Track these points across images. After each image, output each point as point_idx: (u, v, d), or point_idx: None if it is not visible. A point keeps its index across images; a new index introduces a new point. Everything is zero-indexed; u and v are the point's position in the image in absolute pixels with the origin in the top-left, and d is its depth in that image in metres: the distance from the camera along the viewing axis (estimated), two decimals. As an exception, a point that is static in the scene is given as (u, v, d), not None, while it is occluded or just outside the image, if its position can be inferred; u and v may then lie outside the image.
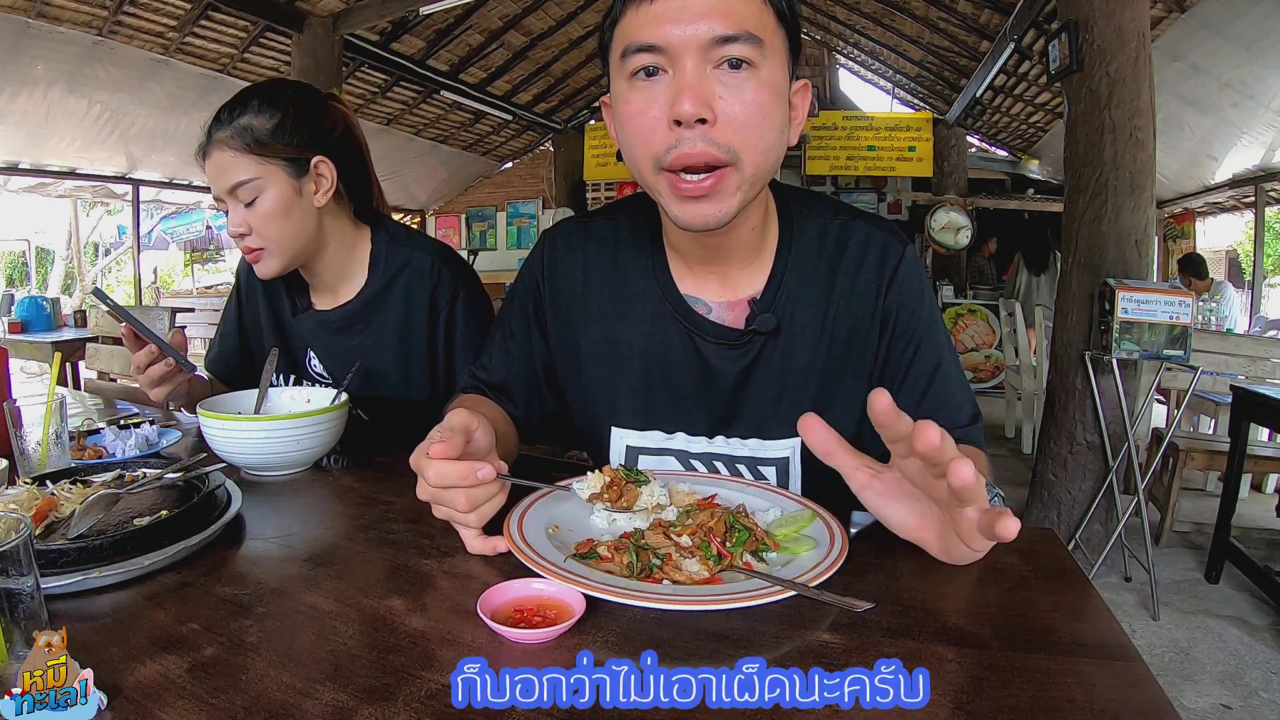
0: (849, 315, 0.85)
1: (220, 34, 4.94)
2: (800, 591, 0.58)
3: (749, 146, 0.70)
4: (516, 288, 0.99)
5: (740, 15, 0.67)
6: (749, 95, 0.68)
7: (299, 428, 0.94)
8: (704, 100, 0.67)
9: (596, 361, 0.92)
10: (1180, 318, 2.54)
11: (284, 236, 1.11)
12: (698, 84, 0.67)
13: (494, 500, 0.68)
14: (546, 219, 9.18)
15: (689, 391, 0.88)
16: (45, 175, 5.99)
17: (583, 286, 0.92)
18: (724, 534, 0.66)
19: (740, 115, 0.68)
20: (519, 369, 0.96)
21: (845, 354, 0.85)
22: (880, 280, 0.85)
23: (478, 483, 0.64)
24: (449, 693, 0.48)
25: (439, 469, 0.64)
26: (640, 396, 0.90)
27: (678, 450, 0.90)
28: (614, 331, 0.90)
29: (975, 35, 5.54)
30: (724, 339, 0.85)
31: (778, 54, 0.71)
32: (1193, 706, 1.98)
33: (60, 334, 4.70)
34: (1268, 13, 3.54)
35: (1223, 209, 6.37)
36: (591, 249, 0.93)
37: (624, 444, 0.92)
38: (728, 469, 0.89)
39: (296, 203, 1.11)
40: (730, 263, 0.85)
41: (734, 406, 0.87)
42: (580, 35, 7.01)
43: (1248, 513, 3.38)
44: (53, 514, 0.71)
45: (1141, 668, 0.51)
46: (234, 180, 1.08)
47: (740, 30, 0.67)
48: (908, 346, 0.85)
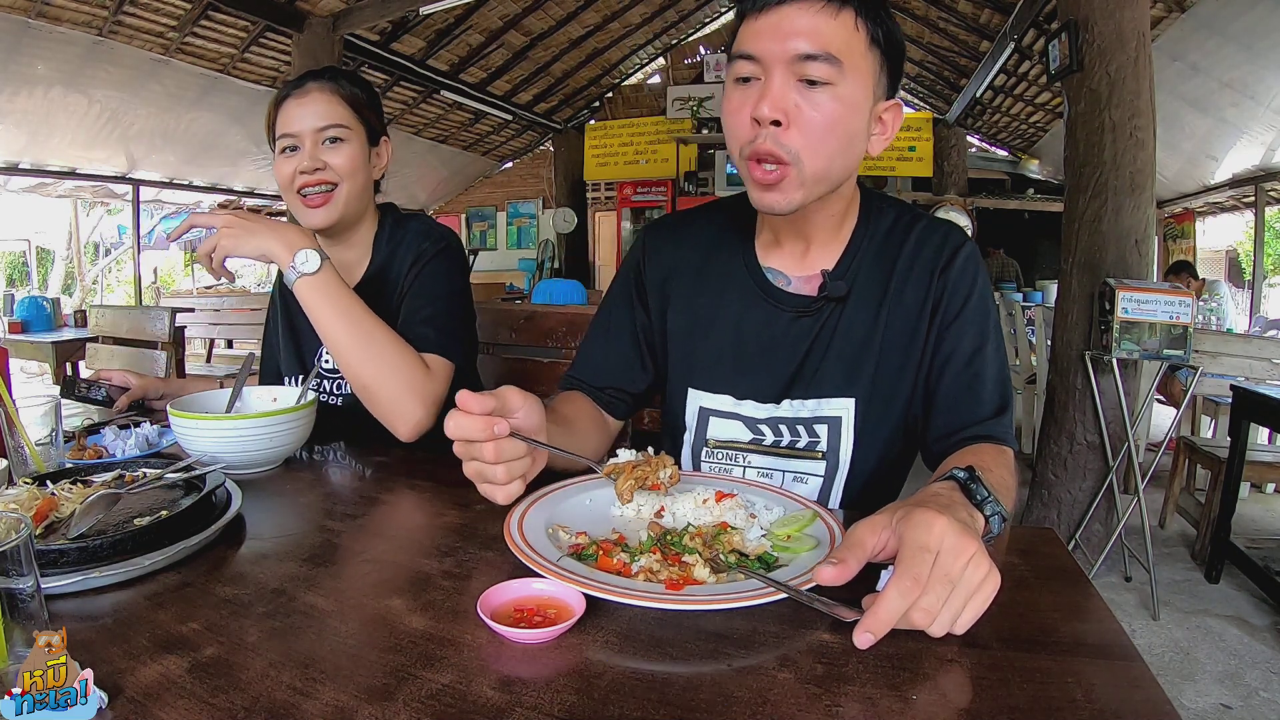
0: (907, 292, 0.93)
1: (220, 34, 4.94)
2: (792, 595, 0.58)
3: (810, 151, 0.80)
4: (616, 280, 1.11)
5: (827, 38, 0.78)
6: (821, 108, 0.79)
7: (267, 426, 0.95)
8: (779, 107, 0.79)
9: (681, 329, 1.02)
10: (1180, 318, 2.53)
11: (354, 185, 1.22)
12: (777, 92, 0.79)
13: (522, 460, 0.74)
14: (546, 219, 9.18)
15: (761, 360, 0.96)
16: (45, 175, 5.98)
17: (677, 267, 1.04)
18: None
19: (809, 123, 0.79)
20: (616, 355, 1.06)
21: (901, 328, 0.93)
22: (936, 264, 0.92)
23: (494, 436, 0.69)
24: (449, 692, 0.48)
25: (457, 420, 0.70)
26: (716, 361, 0.99)
27: (745, 416, 0.98)
28: (698, 302, 1.01)
29: (975, 35, 5.54)
30: (798, 307, 0.95)
31: (861, 74, 0.81)
32: (1193, 706, 1.98)
33: (60, 334, 4.70)
34: (1268, 13, 3.54)
35: (1223, 209, 6.37)
36: (687, 235, 1.06)
37: (698, 405, 1.01)
38: (789, 430, 0.96)
39: (365, 163, 1.24)
40: (811, 238, 0.95)
41: (801, 371, 0.95)
42: (580, 35, 7.01)
43: (1247, 513, 3.38)
44: (53, 514, 0.71)
45: (1141, 668, 0.51)
46: (330, 120, 1.19)
47: (822, 50, 0.78)
48: (952, 327, 0.91)
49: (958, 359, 0.90)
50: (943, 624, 0.54)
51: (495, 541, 0.71)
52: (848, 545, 0.58)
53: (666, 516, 0.76)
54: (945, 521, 0.55)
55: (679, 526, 0.74)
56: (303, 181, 1.17)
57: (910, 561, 0.54)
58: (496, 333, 1.70)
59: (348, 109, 1.21)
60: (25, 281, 12.43)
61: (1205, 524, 2.94)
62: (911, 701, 0.48)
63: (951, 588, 0.53)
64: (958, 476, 0.67)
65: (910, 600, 0.53)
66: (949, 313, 0.91)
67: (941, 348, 0.91)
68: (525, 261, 8.99)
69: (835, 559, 0.57)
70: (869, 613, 0.53)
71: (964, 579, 0.54)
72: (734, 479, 0.89)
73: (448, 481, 0.98)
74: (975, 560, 0.54)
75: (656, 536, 0.70)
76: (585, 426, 0.99)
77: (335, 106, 1.20)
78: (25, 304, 4.96)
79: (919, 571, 0.53)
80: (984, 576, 0.54)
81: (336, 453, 1.08)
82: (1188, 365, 2.59)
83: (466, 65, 6.60)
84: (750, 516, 0.75)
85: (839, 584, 0.56)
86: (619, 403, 1.06)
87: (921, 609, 0.53)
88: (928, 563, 0.54)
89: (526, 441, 0.73)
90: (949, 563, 0.54)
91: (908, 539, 0.56)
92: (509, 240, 9.71)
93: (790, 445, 0.96)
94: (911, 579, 0.53)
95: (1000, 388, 0.90)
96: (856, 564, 0.57)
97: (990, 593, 0.54)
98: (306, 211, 1.19)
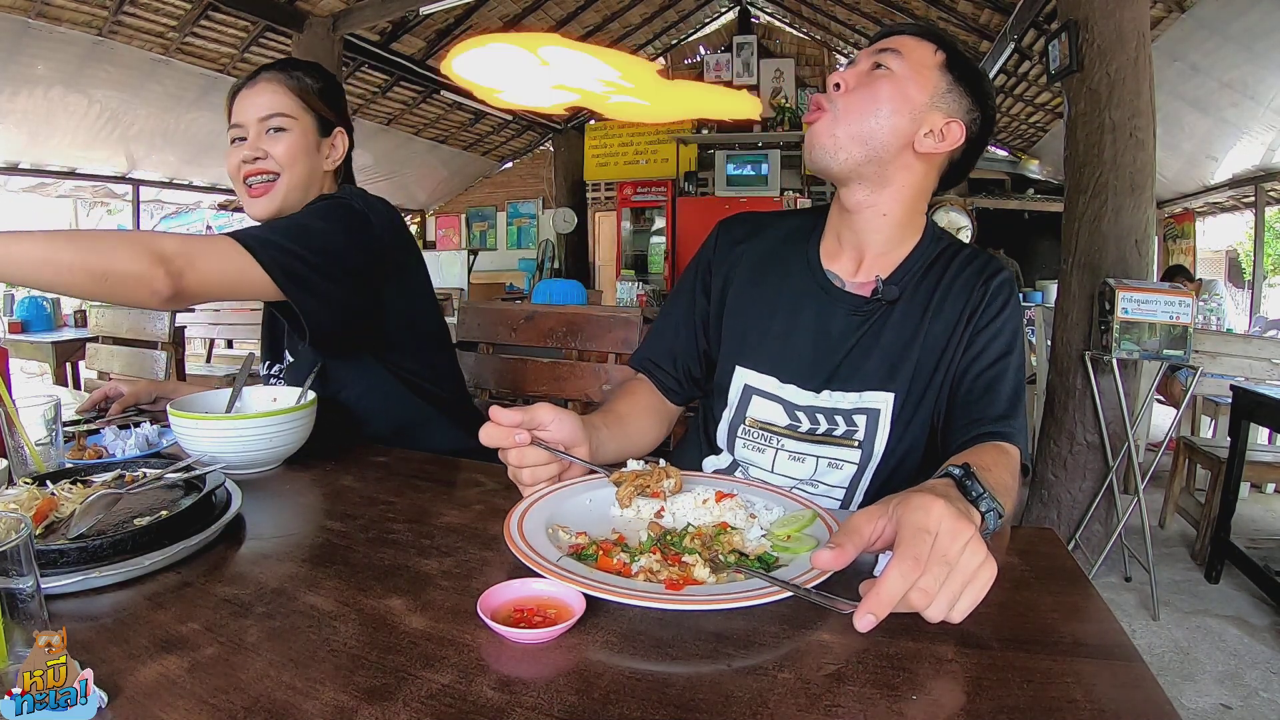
0: (948, 304, 1.01)
1: (220, 34, 4.93)
2: (793, 592, 0.58)
3: (846, 111, 0.96)
4: (688, 266, 1.17)
5: (904, 45, 0.97)
6: (867, 86, 0.96)
7: (267, 426, 0.95)
8: (844, 77, 0.99)
9: (737, 307, 1.09)
10: (1180, 318, 2.53)
11: (295, 175, 1.22)
12: (845, 73, 0.99)
13: (547, 467, 0.82)
14: (546, 219, 9.17)
15: (809, 347, 1.03)
16: (45, 175, 5.97)
17: (744, 257, 1.11)
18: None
19: (851, 95, 0.97)
20: (682, 340, 1.14)
21: (940, 333, 1.00)
22: (976, 281, 1.01)
23: (515, 444, 0.79)
24: (449, 692, 0.48)
25: (487, 429, 0.80)
26: (765, 342, 1.05)
27: (787, 400, 1.03)
28: (760, 288, 1.09)
29: (975, 35, 5.54)
30: (852, 305, 1.02)
31: (923, 80, 0.96)
32: (1193, 706, 1.98)
33: (60, 334, 4.70)
34: (1268, 13, 3.54)
35: (1223, 209, 6.36)
36: (758, 231, 1.14)
37: (743, 382, 1.06)
38: (826, 419, 1.01)
39: (313, 153, 1.24)
40: (867, 246, 1.03)
41: (844, 364, 1.01)
42: (580, 35, 7.01)
43: (1247, 513, 3.38)
44: (53, 514, 0.71)
45: (1141, 668, 0.51)
46: (273, 110, 1.20)
47: (890, 46, 0.98)
48: (982, 334, 0.98)
49: (981, 361, 0.97)
50: (940, 608, 0.54)
51: (495, 541, 0.71)
52: (845, 531, 0.59)
53: (666, 516, 0.76)
54: (943, 505, 0.56)
55: (679, 526, 0.74)
56: (245, 170, 1.19)
57: (910, 542, 0.55)
58: (496, 333, 1.70)
59: (294, 99, 1.22)
60: (25, 281, 12.40)
61: (1205, 524, 2.94)
62: (911, 702, 0.48)
63: (949, 569, 0.54)
64: (953, 474, 0.67)
65: (910, 581, 0.53)
66: (981, 321, 0.99)
67: (969, 350, 0.98)
68: (525, 261, 8.99)
69: (833, 544, 0.58)
70: (869, 594, 0.53)
71: (961, 562, 0.54)
72: (734, 479, 0.90)
73: (448, 482, 0.98)
74: (972, 545, 0.55)
75: (656, 536, 0.70)
76: (641, 420, 1.07)
77: (280, 97, 1.21)
78: (25, 304, 4.96)
79: (919, 551, 0.54)
80: (980, 562, 0.55)
81: (336, 453, 1.08)
82: (1188, 365, 2.59)
83: (466, 65, 6.60)
84: (750, 516, 0.75)
85: (836, 569, 0.57)
86: (680, 386, 1.13)
87: (920, 589, 0.53)
88: (927, 543, 0.54)
89: (549, 451, 0.81)
90: (946, 544, 0.54)
91: (906, 521, 0.56)
92: (509, 240, 9.70)
93: (827, 433, 1.01)
94: (912, 559, 0.54)
95: (1015, 394, 0.95)
96: (854, 549, 0.58)
97: (987, 580, 0.55)
98: (249, 200, 1.21)
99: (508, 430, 0.79)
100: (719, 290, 1.12)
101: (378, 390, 1.25)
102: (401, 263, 1.24)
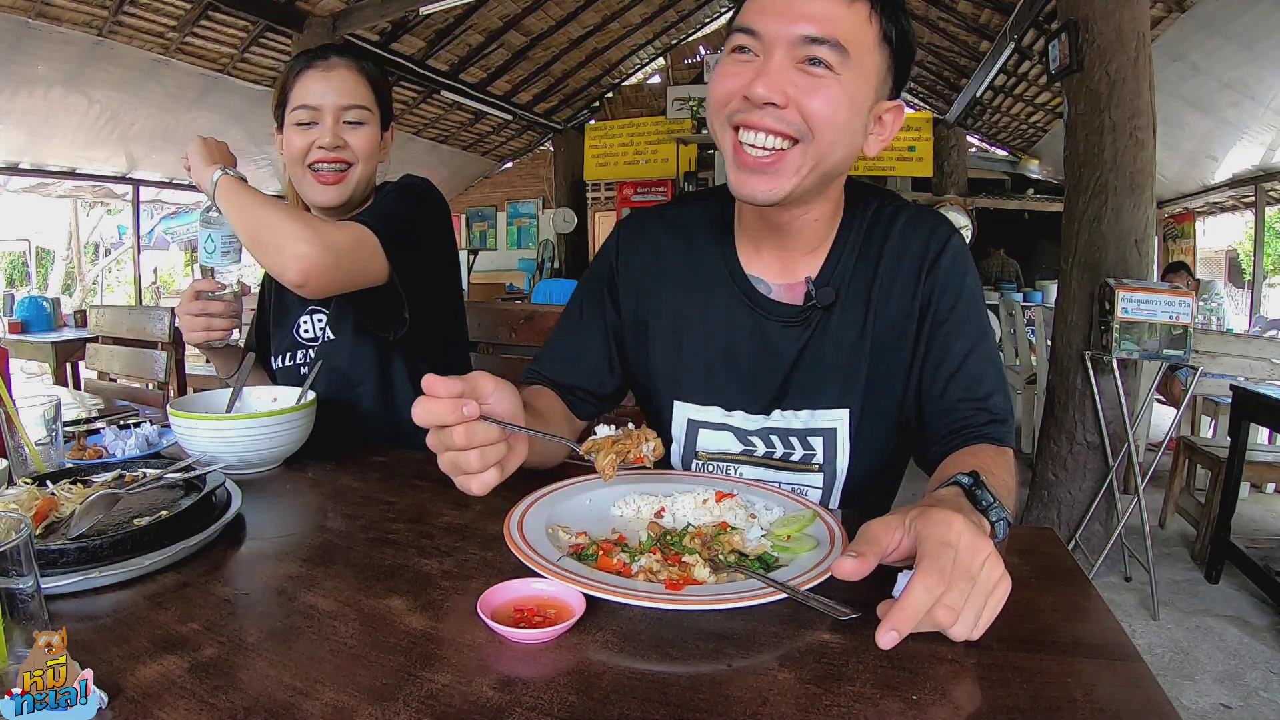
0: (893, 293, 0.90)
1: (220, 34, 4.93)
2: (791, 595, 0.58)
3: (819, 131, 0.76)
4: (588, 274, 1.05)
5: (836, 24, 0.75)
6: (822, 93, 0.75)
7: (267, 426, 0.95)
8: (777, 87, 0.75)
9: (664, 338, 0.97)
10: (1180, 318, 2.53)
11: (367, 168, 1.22)
12: (776, 73, 0.75)
13: (497, 446, 0.66)
14: (546, 219, 9.17)
15: (749, 369, 0.93)
16: (45, 175, 5.98)
17: (655, 267, 0.99)
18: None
19: (809, 107, 0.75)
20: (586, 354, 1.01)
21: (888, 332, 0.90)
22: (922, 263, 0.89)
23: (464, 419, 0.63)
24: (449, 692, 0.48)
25: (424, 405, 0.63)
26: (703, 372, 0.95)
27: (735, 427, 0.94)
28: (682, 310, 0.96)
29: (975, 35, 5.54)
30: (785, 316, 0.91)
31: (865, 70, 0.77)
32: (1193, 706, 1.98)
33: (60, 334, 4.69)
34: (1268, 13, 3.54)
35: (1223, 209, 6.36)
36: (665, 233, 1.00)
37: (685, 417, 0.97)
38: (781, 442, 0.93)
39: (378, 147, 1.24)
40: (793, 248, 0.91)
41: (790, 382, 0.92)
42: (580, 35, 7.00)
43: (1247, 513, 3.38)
44: (53, 514, 0.71)
45: (1141, 668, 0.51)
46: (355, 100, 1.18)
47: (829, 36, 0.74)
48: (944, 329, 0.88)
49: (951, 361, 0.88)
50: (966, 623, 0.53)
51: (495, 541, 0.71)
52: (864, 540, 0.58)
53: (666, 516, 0.76)
54: (962, 520, 0.56)
55: (679, 526, 0.74)
56: (319, 156, 1.16)
57: (934, 556, 0.53)
58: (496, 333, 1.70)
59: (370, 91, 1.20)
60: (25, 281, 12.42)
61: (1205, 524, 2.94)
62: (911, 702, 0.48)
63: (972, 584, 0.53)
64: (962, 483, 0.67)
65: (936, 595, 0.52)
66: (939, 315, 0.88)
67: (933, 352, 0.89)
68: (525, 261, 8.99)
69: (855, 552, 0.56)
70: (894, 610, 0.52)
71: (982, 577, 0.53)
72: (734, 479, 0.89)
73: (448, 481, 0.98)
74: (991, 560, 0.54)
75: (656, 536, 0.70)
76: (559, 426, 0.94)
77: (360, 88, 1.19)
78: (25, 304, 4.96)
79: (943, 565, 0.53)
80: (999, 577, 0.54)
81: (336, 453, 1.08)
82: (1187, 365, 2.59)
83: (466, 65, 6.60)
84: (750, 516, 0.75)
85: (857, 578, 0.56)
86: (585, 404, 1.01)
87: (945, 605, 0.52)
88: (950, 558, 0.53)
89: (500, 425, 0.66)
90: (968, 559, 0.53)
91: (927, 535, 0.55)
92: (509, 240, 9.70)
93: (784, 457, 0.93)
94: (937, 573, 0.52)
95: (998, 386, 0.88)
96: (874, 559, 0.57)
97: (1003, 595, 0.54)
98: (317, 187, 1.18)
99: (453, 403, 0.63)
100: (630, 304, 0.99)
101: (389, 390, 1.26)
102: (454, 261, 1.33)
